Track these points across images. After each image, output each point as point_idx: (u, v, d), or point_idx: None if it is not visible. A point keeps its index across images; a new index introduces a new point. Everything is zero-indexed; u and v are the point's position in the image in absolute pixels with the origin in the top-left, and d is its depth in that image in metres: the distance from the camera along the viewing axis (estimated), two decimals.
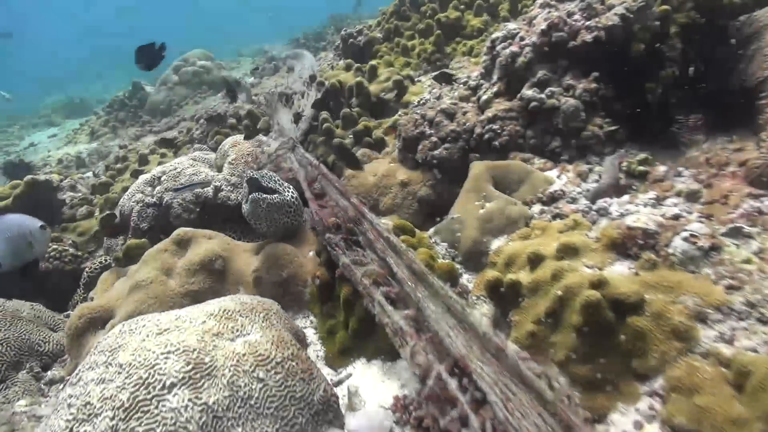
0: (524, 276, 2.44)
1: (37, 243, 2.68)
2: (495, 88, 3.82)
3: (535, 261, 2.44)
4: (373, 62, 5.49)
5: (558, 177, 3.16)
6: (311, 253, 3.40)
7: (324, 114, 4.83)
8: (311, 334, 3.03)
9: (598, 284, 2.06)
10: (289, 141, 4.36)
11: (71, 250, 4.01)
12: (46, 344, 3.08)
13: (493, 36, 3.93)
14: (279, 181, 3.51)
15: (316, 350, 2.92)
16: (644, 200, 2.62)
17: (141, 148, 7.69)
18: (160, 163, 6.46)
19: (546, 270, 2.35)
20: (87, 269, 3.86)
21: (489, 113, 3.67)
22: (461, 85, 4.58)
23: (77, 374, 2.10)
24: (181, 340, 2.07)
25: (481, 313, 2.69)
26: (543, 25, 3.37)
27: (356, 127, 4.56)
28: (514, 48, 3.61)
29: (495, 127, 3.57)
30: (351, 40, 6.82)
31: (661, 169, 2.81)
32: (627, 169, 2.89)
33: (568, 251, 2.38)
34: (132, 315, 2.89)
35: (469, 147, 3.75)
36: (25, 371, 2.86)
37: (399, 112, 5.01)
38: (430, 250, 2.96)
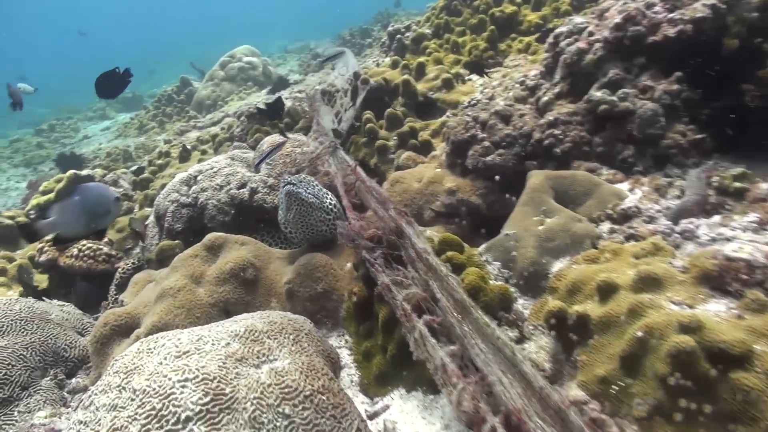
0: (593, 308, 2.10)
1: (111, 213, 2.86)
2: (557, 89, 3.46)
3: (606, 291, 2.09)
4: (421, 59, 5.20)
5: (630, 191, 2.78)
6: (348, 265, 3.15)
7: (367, 114, 4.59)
8: (346, 356, 2.78)
9: (692, 328, 1.70)
10: (330, 142, 4.13)
11: (105, 249, 3.93)
12: (72, 350, 2.97)
13: (557, 31, 3.57)
14: (318, 186, 3.29)
15: (350, 374, 2.67)
16: (742, 224, 2.22)
17: (184, 143, 7.70)
18: (200, 160, 6.40)
19: (621, 303, 2.00)
20: (120, 270, 3.76)
21: (550, 116, 3.31)
22: (517, 85, 4.23)
23: (90, 396, 1.93)
24: (200, 365, 1.86)
25: (538, 346, 2.36)
26: (617, 18, 2.99)
27: (401, 129, 4.28)
28: (582, 44, 3.23)
29: (556, 132, 3.22)
30: (398, 36, 6.55)
31: (764, 186, 2.39)
32: (718, 184, 2.48)
33: (649, 282, 2.02)
34: (157, 326, 2.73)
35: (525, 153, 3.41)
36: (48, 378, 2.75)
37: (447, 113, 4.71)
38: (481, 269, 2.65)
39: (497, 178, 3.35)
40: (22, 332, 2.82)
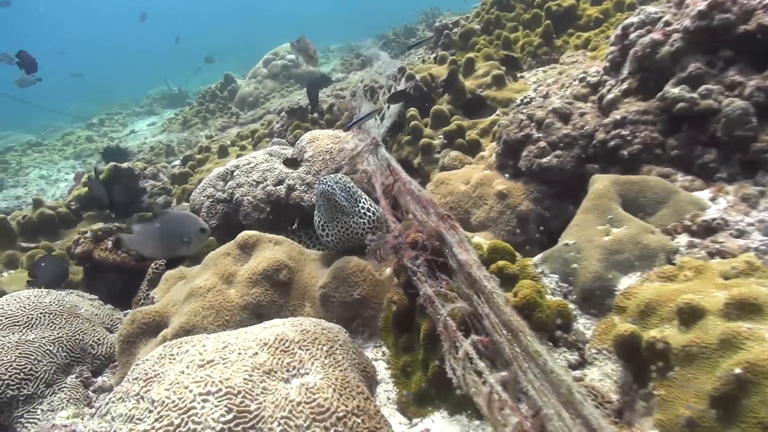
0: (673, 335, 1.82)
1: (192, 244, 2.86)
2: (624, 86, 3.14)
3: (690, 315, 1.80)
4: (470, 54, 4.94)
5: (713, 200, 2.46)
6: (388, 271, 2.94)
7: (411, 110, 4.37)
8: (382, 369, 2.57)
9: None
10: (372, 139, 3.93)
11: None
12: (100, 346, 2.88)
13: (626, 22, 3.25)
14: (355, 187, 3.11)
15: (386, 390, 2.46)
16: None
17: (224, 139, 7.71)
18: (239, 156, 6.35)
19: (710, 331, 1.71)
20: (153, 265, 3.68)
21: (616, 115, 3.01)
22: (576, 82, 3.92)
23: (107, 404, 1.79)
24: (225, 377, 1.69)
25: (603, 373, 2.08)
26: (701, 5, 2.66)
27: (448, 127, 4.05)
28: (656, 36, 2.92)
29: (624, 132, 2.91)
30: (446, 31, 6.30)
31: None
32: None
33: (746, 308, 1.72)
34: (184, 327, 2.60)
35: (586, 156, 3.12)
36: (74, 376, 2.67)
37: (497, 112, 4.44)
38: (536, 282, 2.39)
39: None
40: (50, 326, 2.75)
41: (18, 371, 2.43)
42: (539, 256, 2.56)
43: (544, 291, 2.33)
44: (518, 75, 4.85)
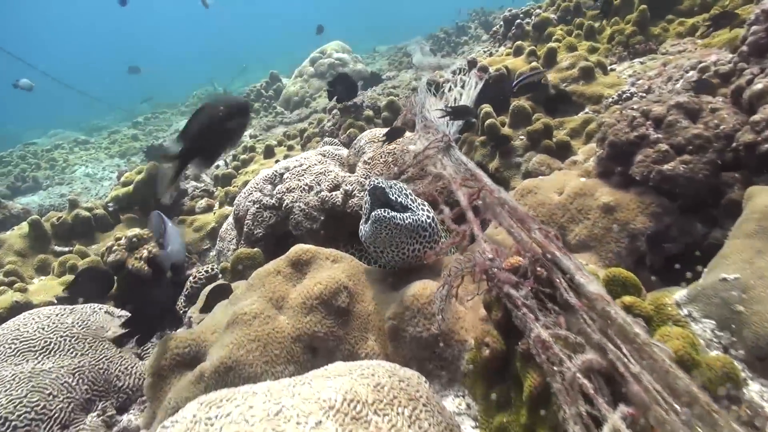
0: None
1: None
2: None
3: None
4: (552, 45, 4.37)
5: None
6: (470, 300, 2.43)
7: (486, 107, 3.85)
8: (468, 428, 2.06)
9: None
10: (442, 138, 3.43)
11: None
12: (128, 377, 2.50)
13: None
14: (410, 195, 2.63)
15: None
16: None
17: (269, 138, 7.38)
18: (286, 157, 5.98)
19: None
20: (191, 278, 3.31)
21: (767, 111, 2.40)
22: (692, 72, 3.30)
23: None
24: None
25: None
26: None
27: (532, 126, 3.50)
28: None
29: None
30: (517, 21, 5.74)
31: None
32: None
33: None
34: (226, 363, 2.17)
35: (723, 162, 2.51)
36: (95, 414, 2.29)
37: (586, 109, 3.86)
38: (683, 328, 1.83)
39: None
40: (71, 353, 2.38)
41: (29, 410, 2.06)
42: (683, 293, 1.98)
43: (697, 343, 1.76)
44: (609, 67, 4.24)
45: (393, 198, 2.52)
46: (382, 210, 2.41)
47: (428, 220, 2.57)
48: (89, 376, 2.35)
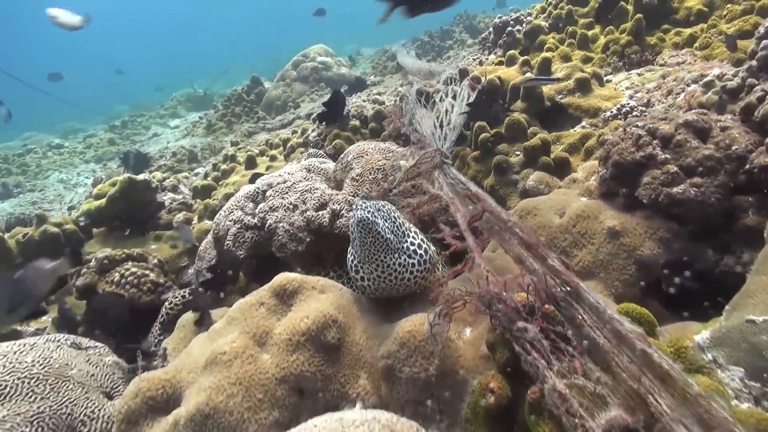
0: None
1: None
2: None
3: None
4: (546, 54, 4.24)
5: None
6: (468, 332, 2.26)
7: (480, 122, 3.69)
8: None
9: None
10: (435, 153, 3.26)
11: (152, 276, 3.26)
12: (93, 422, 2.27)
13: None
14: (400, 218, 2.44)
15: None
16: None
17: (252, 146, 7.15)
18: (268, 168, 5.76)
19: None
20: (167, 303, 3.08)
21: None
22: (694, 86, 3.19)
23: None
24: None
25: None
26: None
27: (529, 142, 3.35)
28: None
29: None
30: (508, 29, 5.61)
31: None
32: None
33: None
34: (202, 411, 1.97)
35: (735, 185, 2.39)
36: None
37: (583, 123, 3.74)
38: (707, 375, 1.69)
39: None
40: (30, 397, 2.15)
41: None
42: (705, 335, 1.83)
43: (725, 393, 1.62)
44: (605, 78, 4.12)
45: (379, 220, 2.32)
46: (367, 211, 2.22)
47: (417, 247, 2.40)
48: (50, 423, 2.12)
